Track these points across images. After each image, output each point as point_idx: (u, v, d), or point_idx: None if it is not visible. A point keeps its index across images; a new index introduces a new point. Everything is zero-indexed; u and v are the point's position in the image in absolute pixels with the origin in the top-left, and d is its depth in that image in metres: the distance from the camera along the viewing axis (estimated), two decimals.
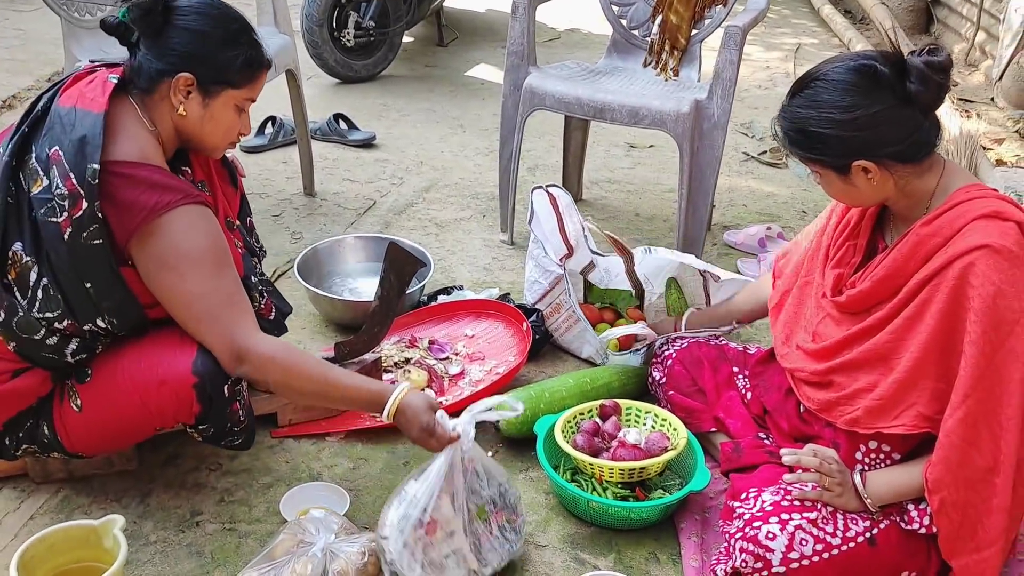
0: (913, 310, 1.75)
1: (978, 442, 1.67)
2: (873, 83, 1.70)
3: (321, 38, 4.82)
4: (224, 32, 1.85)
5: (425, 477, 1.82)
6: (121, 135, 1.79)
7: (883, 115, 1.69)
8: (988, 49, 5.38)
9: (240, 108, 1.92)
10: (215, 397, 1.87)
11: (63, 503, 2.05)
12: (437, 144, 4.34)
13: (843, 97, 1.70)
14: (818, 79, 1.74)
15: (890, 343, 1.79)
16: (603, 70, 3.35)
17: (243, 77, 1.88)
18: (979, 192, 1.73)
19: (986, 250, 1.64)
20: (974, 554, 1.70)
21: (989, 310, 1.63)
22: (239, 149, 4.02)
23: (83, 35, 3.19)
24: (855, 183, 1.76)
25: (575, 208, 2.82)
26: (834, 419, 1.88)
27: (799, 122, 1.75)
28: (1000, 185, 2.77)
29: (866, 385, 1.82)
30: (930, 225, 1.73)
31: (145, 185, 1.76)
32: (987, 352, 1.64)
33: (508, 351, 2.58)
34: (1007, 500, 1.68)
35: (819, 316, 1.96)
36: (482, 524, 1.89)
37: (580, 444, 2.11)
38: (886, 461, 1.86)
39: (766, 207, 3.80)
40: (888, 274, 1.79)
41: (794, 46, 6.32)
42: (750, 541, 1.76)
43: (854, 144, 1.71)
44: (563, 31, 6.41)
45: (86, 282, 1.79)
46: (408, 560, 1.78)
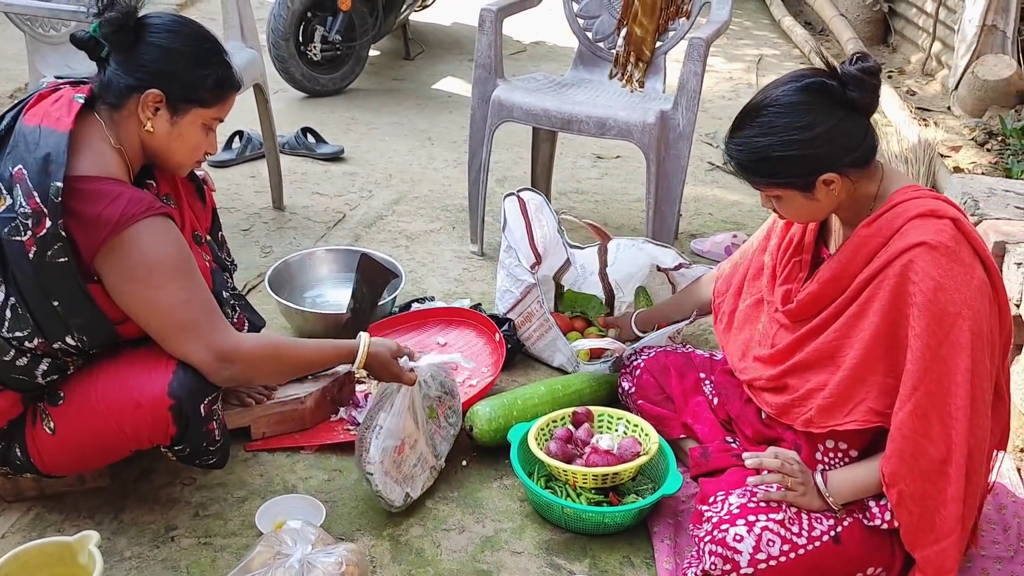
0: (856, 308, 1.81)
1: (930, 433, 1.72)
2: (825, 97, 1.75)
3: (288, 52, 4.82)
4: (196, 51, 1.86)
5: (393, 410, 2.04)
6: (85, 151, 1.79)
7: (838, 127, 1.75)
8: (944, 59, 5.50)
9: (208, 127, 1.92)
10: (192, 418, 1.87)
11: (35, 521, 2.04)
12: (405, 157, 4.36)
13: (801, 117, 1.75)
14: (767, 106, 1.78)
15: (835, 341, 1.85)
16: (570, 82, 3.39)
17: (213, 96, 1.88)
18: (915, 192, 1.80)
19: (924, 247, 1.71)
20: (934, 545, 1.75)
21: (931, 304, 1.69)
22: (207, 164, 4.01)
23: (48, 51, 3.17)
24: (817, 197, 1.80)
25: (547, 208, 2.84)
26: (791, 421, 1.93)
27: (760, 151, 1.78)
28: (958, 191, 2.83)
29: (816, 385, 1.88)
30: (870, 227, 1.80)
31: (108, 199, 1.75)
32: (932, 345, 1.70)
33: (480, 361, 2.59)
34: (961, 489, 1.72)
35: (773, 329, 2.02)
36: (433, 423, 2.17)
37: (554, 451, 2.13)
38: (844, 459, 1.91)
39: (731, 215, 3.85)
40: (833, 276, 1.86)
41: (756, 57, 6.42)
42: (718, 544, 1.80)
43: (819, 159, 1.76)
44: (529, 44, 6.46)
45: (53, 300, 1.78)
46: (390, 485, 2.04)
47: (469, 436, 2.31)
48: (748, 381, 2.07)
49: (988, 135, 4.50)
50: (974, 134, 4.57)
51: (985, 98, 4.77)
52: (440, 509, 2.14)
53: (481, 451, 2.33)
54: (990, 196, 2.77)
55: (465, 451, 2.33)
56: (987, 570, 1.98)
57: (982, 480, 1.82)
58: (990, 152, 4.33)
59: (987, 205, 2.70)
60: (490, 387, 2.44)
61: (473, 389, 2.45)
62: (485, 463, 2.30)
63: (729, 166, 1.89)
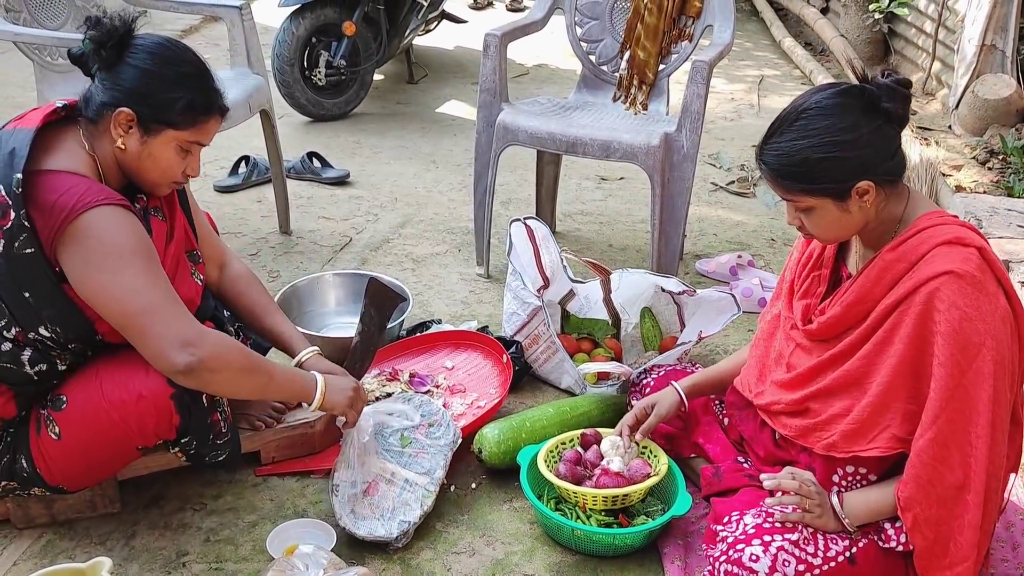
0: (882, 335, 1.81)
1: (948, 460, 1.72)
2: (863, 102, 1.75)
3: (292, 77, 4.85)
4: (170, 73, 1.86)
5: (346, 462, 2.11)
6: (56, 150, 1.83)
7: (876, 133, 1.75)
8: (944, 78, 5.53)
9: (184, 149, 1.91)
10: (194, 407, 1.89)
11: (46, 548, 2.05)
12: (411, 180, 4.38)
13: (841, 119, 1.74)
14: (805, 110, 1.76)
15: (862, 368, 1.84)
16: (574, 105, 3.42)
17: (185, 119, 1.87)
18: (940, 219, 1.80)
19: (950, 276, 1.70)
20: (947, 570, 1.75)
21: (956, 334, 1.69)
22: (213, 188, 4.04)
23: (55, 78, 3.21)
24: (850, 209, 1.78)
25: (552, 239, 2.87)
26: (811, 444, 1.92)
27: (797, 154, 1.75)
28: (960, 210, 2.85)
29: (841, 411, 1.87)
30: (895, 251, 1.80)
31: (66, 187, 1.78)
32: (955, 374, 1.70)
33: (488, 383, 2.60)
34: (979, 516, 1.72)
35: (790, 348, 2.02)
36: (413, 447, 2.18)
37: (563, 473, 2.13)
38: (862, 482, 1.90)
39: (736, 235, 3.87)
40: (856, 299, 1.85)
41: (757, 78, 6.45)
42: (734, 564, 1.79)
43: (858, 163, 1.74)
44: (532, 67, 6.50)
45: (24, 291, 1.81)
46: (373, 524, 2.07)
47: (478, 459, 2.31)
48: (764, 406, 2.05)
49: (989, 154, 4.52)
50: (975, 153, 4.59)
51: (985, 117, 4.79)
52: (450, 532, 2.15)
53: (490, 474, 2.33)
54: (993, 215, 2.79)
55: (474, 474, 2.34)
56: None
57: (998, 506, 1.81)
58: (991, 171, 4.35)
59: (990, 224, 2.71)
60: (497, 408, 2.45)
61: (481, 411, 2.45)
62: (495, 486, 2.31)
63: (762, 176, 1.86)
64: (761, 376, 2.09)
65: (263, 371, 1.93)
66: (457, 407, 2.51)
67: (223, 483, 2.26)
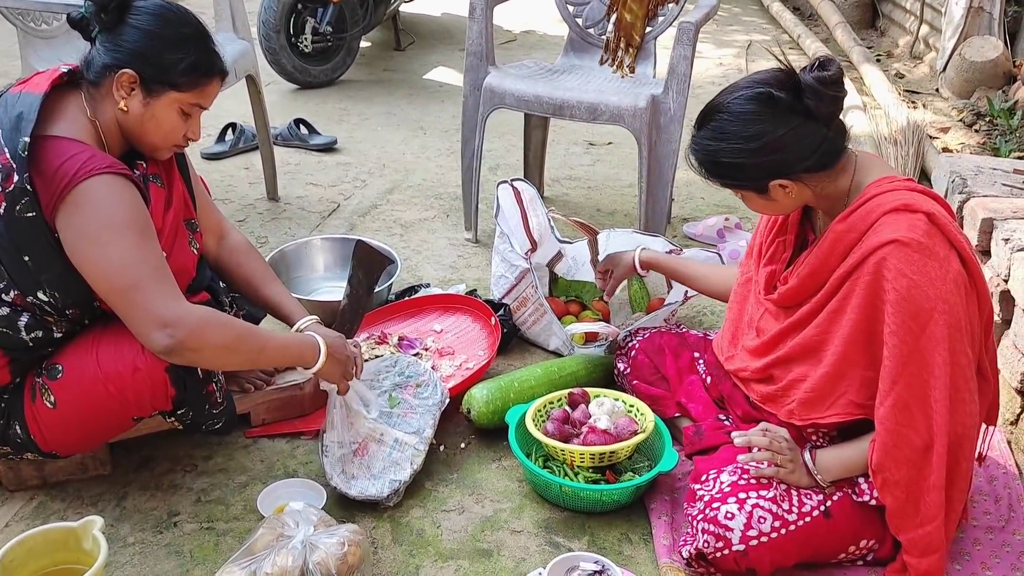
0: (835, 304, 1.83)
1: (912, 424, 1.74)
2: (772, 108, 1.75)
3: (279, 44, 4.82)
4: (173, 34, 1.85)
5: (333, 424, 2.13)
6: (60, 117, 1.83)
7: (788, 136, 1.75)
8: (932, 42, 5.52)
9: (186, 112, 1.91)
10: (188, 380, 1.90)
11: (38, 509, 2.06)
12: (398, 146, 4.37)
13: (747, 127, 1.76)
14: (720, 111, 1.80)
15: (816, 337, 1.87)
16: (561, 68, 3.41)
17: (188, 81, 1.87)
18: (889, 185, 1.80)
19: (895, 244, 1.72)
20: (918, 528, 1.78)
21: (905, 301, 1.71)
22: (200, 156, 4.02)
23: (40, 45, 3.18)
24: (774, 198, 1.83)
25: (540, 201, 2.87)
26: (775, 411, 1.96)
27: (711, 154, 1.82)
28: (945, 170, 2.85)
29: (798, 376, 1.91)
30: (845, 222, 1.81)
31: (70, 153, 1.77)
32: (908, 341, 1.72)
33: (477, 345, 2.62)
34: (943, 477, 1.75)
35: (760, 312, 2.05)
36: (399, 407, 2.20)
37: (551, 431, 2.15)
38: (825, 440, 1.94)
39: (723, 199, 3.88)
40: (811, 271, 1.88)
41: (745, 43, 6.44)
42: (710, 522, 1.83)
43: (767, 168, 1.78)
44: (519, 33, 6.47)
45: (24, 255, 1.80)
46: (364, 484, 2.09)
47: (467, 419, 2.33)
48: (734, 371, 2.09)
49: (976, 116, 4.53)
50: (962, 115, 4.60)
51: (973, 79, 4.79)
52: (440, 491, 2.17)
53: (479, 433, 2.35)
54: (978, 174, 2.80)
55: (464, 434, 2.36)
56: (979, 540, 2.01)
57: (967, 464, 1.84)
58: (978, 133, 4.36)
59: (975, 183, 2.72)
60: (485, 369, 2.47)
61: (469, 372, 2.47)
62: (483, 445, 2.33)
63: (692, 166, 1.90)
64: (733, 339, 2.12)
65: (252, 344, 1.90)
66: (446, 369, 2.52)
67: (213, 445, 2.28)
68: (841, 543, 1.88)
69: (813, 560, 1.90)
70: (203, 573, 1.90)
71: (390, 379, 2.24)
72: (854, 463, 1.86)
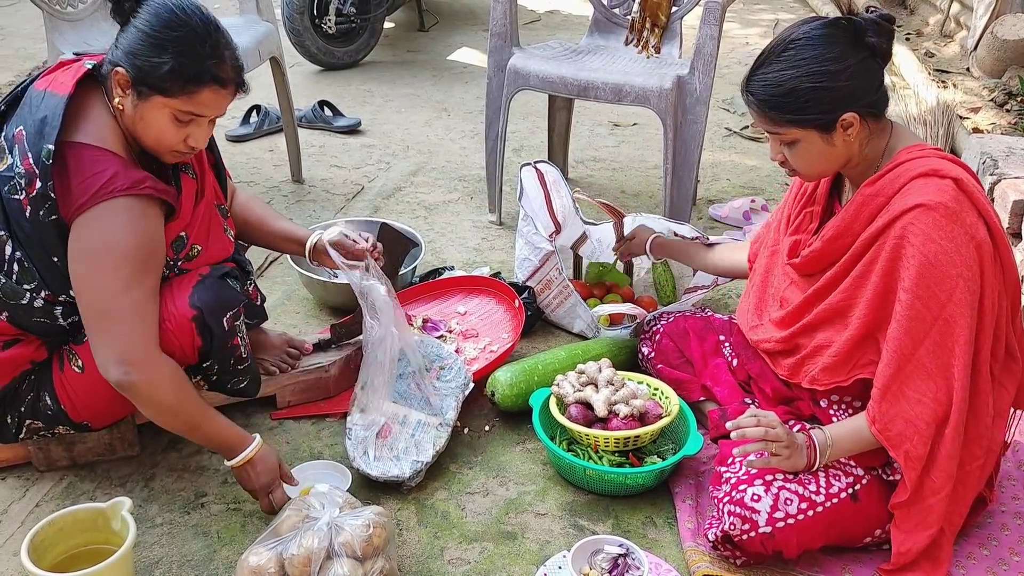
0: (861, 268, 1.82)
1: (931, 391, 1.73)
2: (850, 35, 1.75)
3: (302, 26, 4.82)
4: (163, 37, 1.76)
5: (359, 406, 2.16)
6: (83, 118, 1.81)
7: (862, 65, 1.75)
8: (962, 20, 5.43)
9: (179, 119, 1.81)
10: (215, 329, 1.92)
11: (68, 490, 2.08)
12: (422, 128, 4.36)
13: (829, 49, 1.74)
14: (793, 41, 1.77)
15: (843, 302, 1.86)
16: (585, 49, 3.38)
17: (173, 87, 1.77)
18: (920, 152, 1.80)
19: (921, 209, 1.71)
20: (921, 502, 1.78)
21: (931, 266, 1.70)
22: (225, 138, 4.03)
23: (65, 28, 3.19)
24: (834, 142, 1.79)
25: (564, 182, 2.86)
26: (798, 380, 1.94)
27: (786, 83, 1.76)
28: (976, 151, 2.81)
29: (823, 342, 1.89)
30: (873, 185, 1.80)
31: (92, 170, 1.76)
32: (933, 307, 1.71)
33: (501, 327, 2.62)
34: (956, 450, 1.75)
35: (785, 283, 2.03)
36: (426, 390, 2.21)
37: (575, 415, 2.15)
38: (848, 411, 1.93)
39: (749, 180, 3.85)
40: (836, 234, 1.86)
41: (772, 22, 6.36)
42: (736, 504, 1.82)
43: (844, 94, 1.75)
44: (543, 13, 6.43)
45: (53, 256, 1.82)
46: (387, 464, 2.09)
47: (491, 402, 2.33)
48: (757, 342, 2.07)
49: (1007, 96, 4.46)
50: (993, 95, 4.52)
51: (1004, 58, 4.71)
52: (464, 473, 2.17)
53: (503, 416, 2.35)
54: (1009, 155, 2.76)
55: (488, 417, 2.36)
56: (1006, 525, 2.00)
57: (987, 440, 1.82)
58: (1009, 112, 4.29)
59: (1006, 164, 2.68)
60: (510, 352, 2.46)
61: (493, 355, 2.47)
62: (507, 428, 2.33)
63: (749, 107, 1.84)
64: (758, 310, 2.11)
65: (191, 418, 1.89)
66: (470, 352, 2.52)
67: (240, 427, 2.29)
68: (867, 527, 1.87)
69: (839, 543, 1.89)
70: (230, 554, 1.92)
71: (415, 362, 2.24)
72: (854, 435, 1.83)
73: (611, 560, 1.81)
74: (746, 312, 2.15)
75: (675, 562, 1.92)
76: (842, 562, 1.90)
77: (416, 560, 1.92)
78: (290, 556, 1.72)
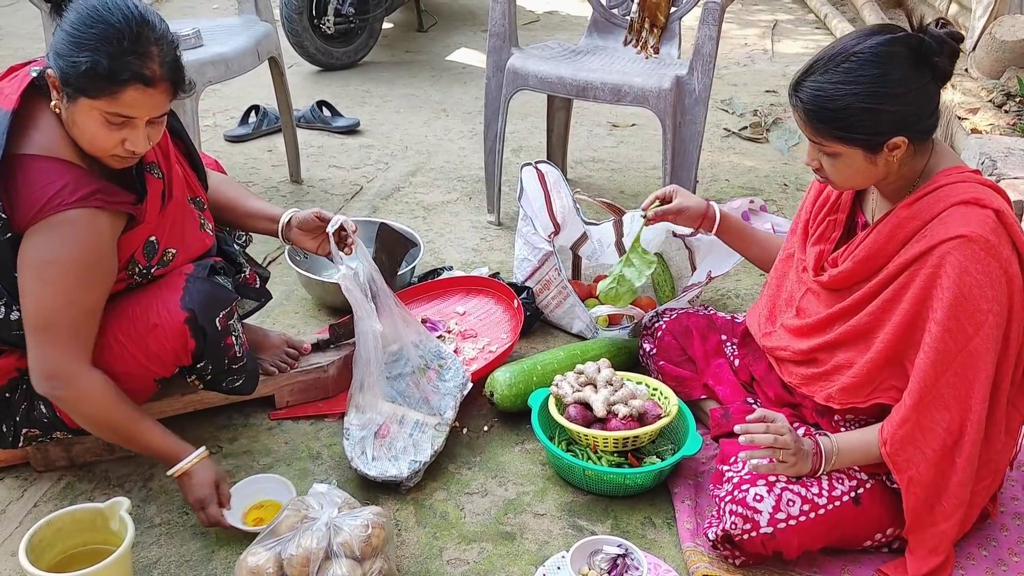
0: (891, 293, 1.78)
1: (947, 421, 1.72)
2: (916, 56, 1.67)
3: (301, 26, 4.82)
4: (82, 35, 1.66)
5: (358, 408, 2.14)
6: (33, 128, 1.76)
7: (922, 89, 1.68)
8: (961, 20, 5.43)
9: (110, 121, 1.71)
10: (208, 330, 1.91)
11: (66, 490, 2.08)
12: (421, 128, 4.36)
13: (892, 70, 1.66)
14: (855, 54, 1.67)
15: (869, 324, 1.83)
16: (584, 49, 3.38)
17: (93, 87, 1.67)
18: (960, 176, 1.75)
19: (962, 240, 1.67)
20: (932, 527, 1.78)
21: (965, 300, 1.67)
22: (224, 138, 4.03)
23: None
24: (877, 162, 1.73)
25: (564, 182, 2.86)
26: (813, 393, 1.93)
27: (840, 99, 1.67)
28: (975, 152, 2.82)
29: (844, 362, 1.87)
30: (911, 208, 1.76)
31: (40, 182, 1.73)
32: (960, 340, 1.69)
33: (500, 328, 2.61)
34: (968, 480, 1.74)
35: (801, 291, 2.01)
36: (424, 389, 2.20)
37: (574, 416, 2.15)
38: (856, 426, 1.92)
39: (748, 181, 3.85)
40: (868, 255, 1.82)
41: (770, 23, 6.37)
42: (738, 504, 1.81)
43: (898, 118, 1.68)
44: (542, 13, 6.43)
45: (14, 272, 1.79)
46: (385, 464, 2.09)
47: (490, 402, 2.33)
48: (771, 349, 2.05)
49: (1006, 96, 4.45)
50: (992, 96, 4.52)
51: (1003, 59, 4.71)
52: (463, 474, 2.17)
53: (502, 416, 2.35)
54: (1008, 156, 2.76)
55: (486, 417, 2.36)
56: (1006, 526, 2.00)
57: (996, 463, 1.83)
58: (1008, 113, 4.29)
59: (1005, 165, 2.69)
60: (508, 353, 2.46)
61: (492, 355, 2.47)
62: (506, 428, 2.33)
63: (794, 111, 1.75)
64: (771, 316, 2.09)
65: (125, 431, 1.90)
66: (469, 352, 2.52)
67: (238, 427, 2.29)
68: (868, 530, 1.87)
69: (840, 545, 1.89)
70: (228, 554, 1.91)
71: (412, 361, 2.24)
72: (862, 455, 1.83)
73: (610, 560, 1.81)
74: (758, 316, 2.13)
75: (674, 562, 1.92)
76: (841, 563, 1.90)
77: (415, 560, 1.92)
78: (288, 556, 1.72)
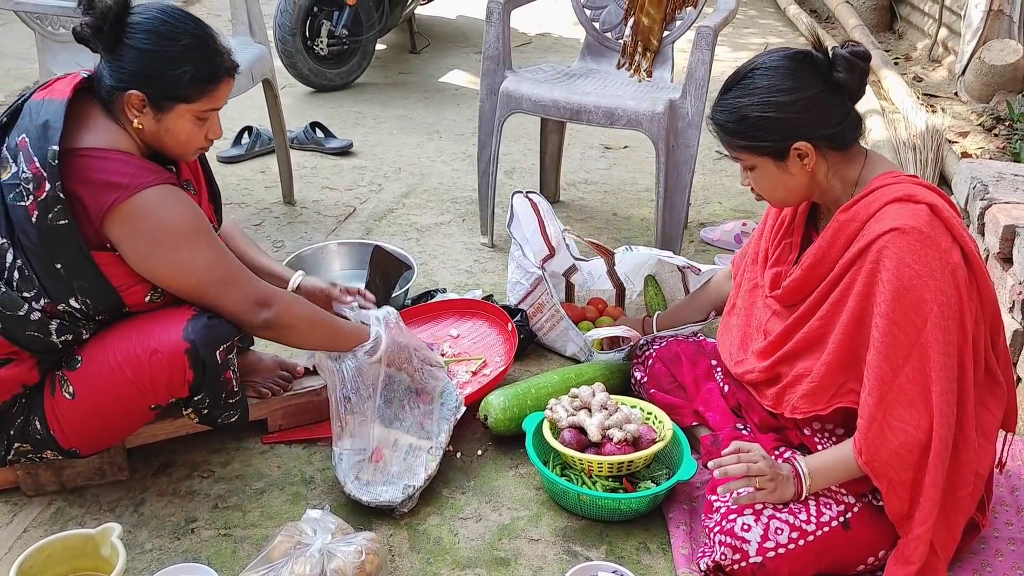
0: (837, 295, 1.83)
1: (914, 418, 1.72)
2: (808, 67, 1.79)
3: (295, 47, 4.83)
4: (172, 50, 1.84)
5: (348, 431, 2.12)
6: (91, 126, 1.85)
7: (818, 98, 1.78)
8: (950, 45, 5.48)
9: (199, 118, 1.92)
10: (208, 363, 1.91)
11: (56, 515, 2.06)
12: (414, 150, 4.37)
13: (782, 80, 1.78)
14: (753, 70, 1.82)
15: (820, 328, 1.86)
16: (578, 72, 3.40)
17: (195, 92, 1.88)
18: (894, 179, 1.81)
19: (895, 232, 1.72)
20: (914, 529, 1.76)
21: (906, 291, 1.70)
22: (216, 159, 4.03)
23: (57, 48, 3.19)
24: (790, 170, 1.82)
25: (554, 216, 2.87)
26: (781, 411, 1.94)
27: (739, 110, 1.81)
28: (966, 176, 2.83)
29: (803, 371, 1.89)
30: (849, 211, 1.82)
31: (118, 165, 1.82)
32: (911, 333, 1.71)
33: (494, 351, 2.61)
34: (940, 477, 1.73)
35: (767, 315, 2.04)
36: (416, 414, 2.20)
37: (568, 440, 2.14)
38: (831, 439, 1.93)
39: (740, 204, 3.86)
40: (815, 261, 1.87)
41: (762, 45, 6.41)
42: (727, 534, 1.81)
43: (794, 125, 1.78)
44: (534, 35, 6.46)
45: (56, 263, 1.83)
46: (378, 490, 2.07)
47: (484, 426, 2.32)
48: (741, 375, 2.07)
49: (996, 120, 4.49)
50: (982, 119, 4.56)
51: (992, 83, 4.76)
52: (457, 498, 2.16)
53: (496, 440, 2.34)
54: (999, 180, 2.77)
55: (480, 441, 2.35)
56: (1000, 551, 1.99)
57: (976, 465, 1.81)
58: (998, 137, 4.33)
59: (996, 190, 2.70)
60: (502, 376, 2.46)
61: (486, 379, 2.46)
62: (500, 452, 2.32)
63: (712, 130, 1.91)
64: (743, 344, 2.11)
65: (327, 320, 2.11)
66: (463, 375, 2.51)
67: (231, 450, 2.28)
68: (860, 554, 1.87)
69: (833, 571, 1.88)
70: None
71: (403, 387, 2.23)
72: (837, 473, 1.83)
73: None
74: (729, 346, 2.15)
75: None
76: None
77: None
78: None
